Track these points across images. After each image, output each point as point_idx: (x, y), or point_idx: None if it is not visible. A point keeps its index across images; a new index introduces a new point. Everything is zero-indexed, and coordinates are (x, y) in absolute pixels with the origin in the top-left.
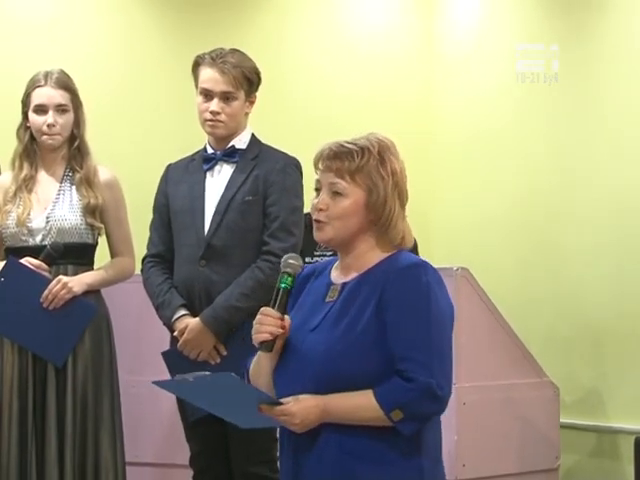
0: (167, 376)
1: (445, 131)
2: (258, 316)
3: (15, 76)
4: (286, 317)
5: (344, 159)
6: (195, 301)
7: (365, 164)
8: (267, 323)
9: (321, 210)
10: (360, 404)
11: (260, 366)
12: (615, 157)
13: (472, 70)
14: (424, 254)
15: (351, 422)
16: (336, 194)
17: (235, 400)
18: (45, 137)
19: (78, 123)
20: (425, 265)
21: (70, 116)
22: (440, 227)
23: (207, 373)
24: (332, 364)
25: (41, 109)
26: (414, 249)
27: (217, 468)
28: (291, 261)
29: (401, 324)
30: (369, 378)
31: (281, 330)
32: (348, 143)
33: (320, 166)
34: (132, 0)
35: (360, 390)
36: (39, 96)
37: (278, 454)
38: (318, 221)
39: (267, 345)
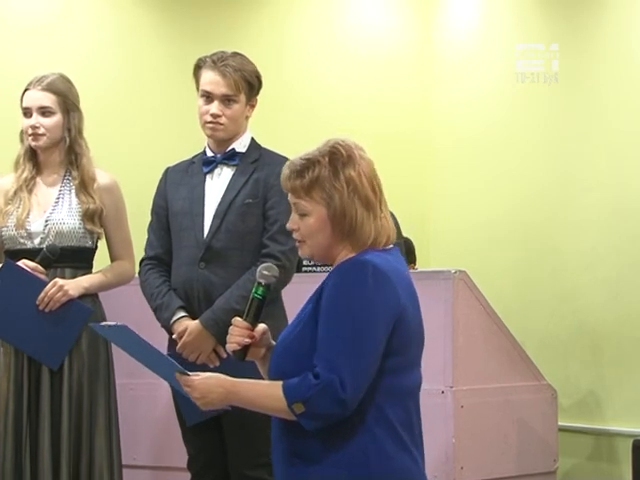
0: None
1: (444, 133)
2: (230, 327)
3: (14, 79)
4: (260, 325)
5: (297, 178)
6: (194, 303)
7: (316, 178)
8: (235, 333)
9: (293, 230)
10: (266, 393)
11: (261, 371)
12: (615, 158)
13: (471, 71)
14: (422, 257)
15: (257, 409)
16: (301, 214)
17: (158, 361)
18: (30, 139)
19: (69, 126)
20: (362, 263)
21: (57, 119)
22: (438, 230)
23: (113, 323)
24: (279, 361)
25: (27, 112)
26: (410, 251)
27: (214, 471)
28: (264, 272)
29: (323, 321)
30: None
31: (248, 340)
32: (301, 159)
33: (283, 187)
34: (131, 2)
35: None
36: (25, 99)
37: None
38: (297, 240)
39: (238, 354)
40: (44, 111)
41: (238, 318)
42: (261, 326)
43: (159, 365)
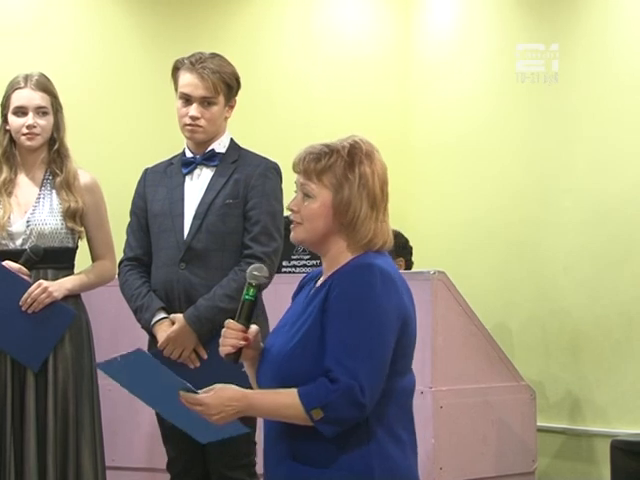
0: None
1: (424, 134)
2: (223, 329)
3: None
4: (253, 327)
5: (312, 161)
6: (175, 304)
7: (332, 165)
8: (229, 336)
9: (293, 211)
10: (282, 401)
11: (249, 373)
12: (614, 158)
13: (453, 73)
14: None
15: (274, 418)
16: (306, 196)
17: (164, 389)
18: (24, 138)
19: (58, 126)
20: (371, 266)
21: (50, 119)
22: (418, 231)
23: (122, 354)
24: (281, 365)
25: (21, 111)
26: (407, 251)
27: (194, 472)
28: (255, 272)
29: (334, 325)
30: (313, 379)
31: (243, 342)
32: (321, 145)
33: (294, 169)
34: (111, 4)
35: None
36: (19, 98)
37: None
38: (293, 222)
39: (231, 357)
40: (40, 111)
41: (231, 320)
42: (254, 327)
43: (164, 392)
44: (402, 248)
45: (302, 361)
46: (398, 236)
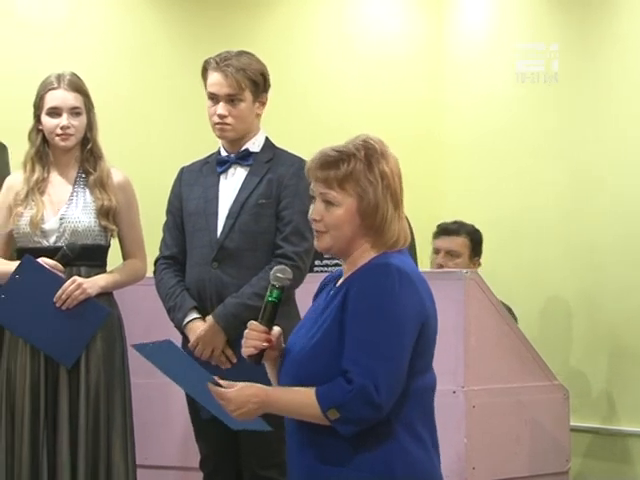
0: None
1: (453, 133)
2: (246, 330)
3: (25, 80)
4: (275, 328)
5: (330, 168)
6: (207, 303)
7: (352, 171)
8: (252, 337)
9: (316, 220)
10: (301, 400)
11: (270, 374)
12: (617, 157)
13: (479, 71)
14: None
15: (292, 416)
16: (329, 203)
17: (193, 379)
18: (58, 139)
19: (91, 125)
20: (388, 266)
21: (83, 119)
22: None
23: (154, 341)
24: (301, 365)
25: (55, 112)
26: (479, 242)
27: (227, 471)
28: (279, 274)
29: (352, 324)
30: (332, 378)
31: (266, 344)
32: (334, 150)
33: (310, 176)
34: (142, 3)
35: None
36: (53, 99)
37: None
38: (317, 231)
39: (254, 358)
40: (74, 112)
41: (254, 322)
42: (276, 329)
43: (194, 381)
44: (480, 245)
45: (321, 361)
46: (477, 233)
